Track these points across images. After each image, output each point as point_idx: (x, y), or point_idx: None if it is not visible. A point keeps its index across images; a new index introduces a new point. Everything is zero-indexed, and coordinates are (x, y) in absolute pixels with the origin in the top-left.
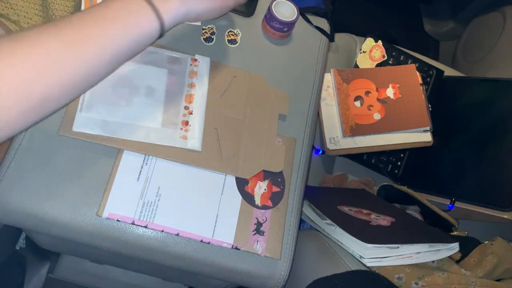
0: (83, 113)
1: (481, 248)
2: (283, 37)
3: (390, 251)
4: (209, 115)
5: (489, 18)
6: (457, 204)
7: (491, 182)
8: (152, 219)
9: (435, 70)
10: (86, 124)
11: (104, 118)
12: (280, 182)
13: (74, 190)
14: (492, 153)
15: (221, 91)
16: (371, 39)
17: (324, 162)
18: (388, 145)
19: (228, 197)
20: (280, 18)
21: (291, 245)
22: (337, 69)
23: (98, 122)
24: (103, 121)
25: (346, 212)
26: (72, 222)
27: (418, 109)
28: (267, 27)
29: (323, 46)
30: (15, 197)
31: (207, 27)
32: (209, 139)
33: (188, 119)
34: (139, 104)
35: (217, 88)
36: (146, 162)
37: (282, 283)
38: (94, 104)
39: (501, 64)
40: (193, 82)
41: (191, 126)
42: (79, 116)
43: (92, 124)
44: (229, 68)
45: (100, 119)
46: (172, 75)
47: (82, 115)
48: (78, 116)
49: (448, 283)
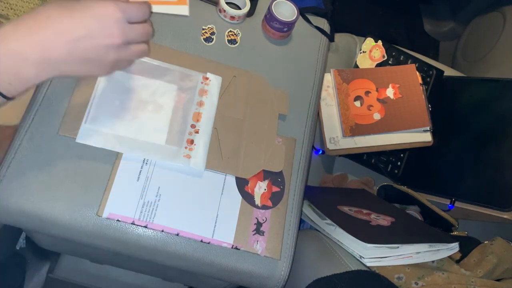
0: (87, 124)
1: (481, 248)
2: (283, 37)
3: (390, 251)
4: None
5: (489, 18)
6: (457, 204)
7: (491, 182)
8: (152, 219)
9: (435, 70)
10: (90, 136)
11: (108, 132)
12: (280, 182)
13: (74, 190)
14: (492, 153)
15: (221, 91)
16: (371, 39)
17: (324, 162)
18: (388, 145)
19: (228, 197)
20: (280, 18)
21: (291, 245)
22: (337, 69)
23: (101, 135)
24: (107, 134)
25: (346, 212)
26: (72, 222)
27: (418, 109)
28: (267, 27)
29: (323, 46)
30: (15, 197)
31: (207, 27)
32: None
33: (194, 137)
34: (145, 119)
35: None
36: (146, 162)
37: (282, 283)
38: (99, 116)
39: (501, 64)
40: (202, 101)
41: (196, 146)
42: (83, 128)
43: (95, 136)
44: (229, 68)
45: (104, 132)
46: (181, 92)
47: (87, 127)
48: (83, 127)
49: (448, 283)
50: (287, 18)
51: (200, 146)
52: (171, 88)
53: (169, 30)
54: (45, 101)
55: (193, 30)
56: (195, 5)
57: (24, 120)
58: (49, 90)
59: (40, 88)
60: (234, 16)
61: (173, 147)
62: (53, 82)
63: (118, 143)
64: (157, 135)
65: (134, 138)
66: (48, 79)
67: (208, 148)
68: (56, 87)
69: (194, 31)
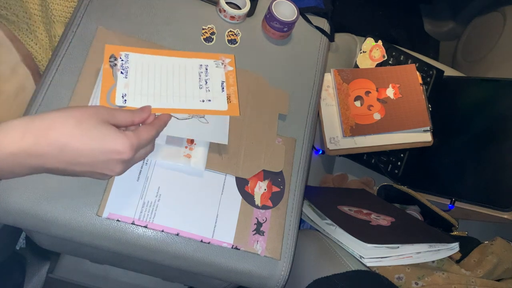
0: None
1: (481, 248)
2: (283, 37)
3: (390, 251)
4: None
5: (489, 18)
6: (457, 204)
7: (491, 182)
8: (152, 219)
9: (435, 70)
10: None
11: None
12: (280, 182)
13: (74, 190)
14: (492, 153)
15: None
16: (371, 39)
17: (324, 162)
18: (388, 145)
19: (228, 197)
20: (280, 18)
21: (291, 245)
22: (337, 69)
23: None
24: None
25: (346, 212)
26: (72, 222)
27: (418, 109)
28: (267, 27)
29: (323, 46)
30: (15, 197)
31: (207, 27)
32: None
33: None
34: None
35: None
36: (146, 162)
37: (282, 283)
38: None
39: (501, 64)
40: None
41: (196, 145)
42: None
43: None
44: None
45: None
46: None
47: None
48: None
49: (448, 283)
50: (287, 18)
51: (200, 146)
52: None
53: (169, 30)
54: (45, 101)
55: (193, 30)
56: (195, 5)
57: None
58: (49, 90)
59: (40, 88)
60: (234, 16)
61: (174, 147)
62: (53, 82)
63: None
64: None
65: None
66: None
67: (208, 148)
68: (56, 87)
69: (194, 31)
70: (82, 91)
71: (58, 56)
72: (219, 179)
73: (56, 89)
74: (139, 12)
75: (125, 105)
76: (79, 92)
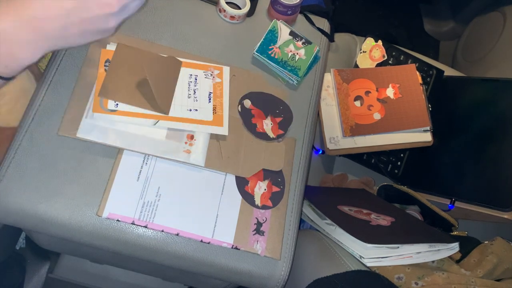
0: (88, 119)
1: (481, 248)
2: (287, 21)
3: (390, 251)
4: None
5: (489, 18)
6: (457, 204)
7: (491, 182)
8: (152, 219)
9: (435, 70)
10: (90, 130)
11: (109, 126)
12: (280, 182)
13: (74, 190)
14: (492, 153)
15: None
16: (371, 39)
17: (324, 162)
18: (388, 145)
19: (228, 197)
20: (284, 2)
21: (291, 245)
22: (337, 69)
23: (102, 130)
24: (108, 129)
25: (346, 212)
26: (72, 222)
27: (418, 109)
28: (271, 12)
29: (323, 46)
30: (15, 197)
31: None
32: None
33: (194, 132)
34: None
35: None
36: (146, 162)
37: (282, 283)
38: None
39: (501, 64)
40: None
41: (196, 141)
42: (84, 122)
43: (96, 132)
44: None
45: (105, 126)
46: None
47: (87, 121)
48: (84, 122)
49: (448, 283)
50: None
51: (200, 142)
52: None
53: (169, 30)
54: (45, 101)
55: (193, 30)
56: (195, 5)
57: (23, 120)
58: (49, 90)
59: (40, 88)
60: (234, 16)
61: (173, 142)
62: (53, 82)
63: (118, 138)
64: (157, 130)
65: (134, 133)
66: (48, 53)
67: (208, 147)
68: (56, 87)
69: (194, 31)
70: (82, 91)
71: (58, 56)
72: (219, 179)
73: (56, 89)
74: (139, 12)
75: (117, 109)
76: (79, 92)
